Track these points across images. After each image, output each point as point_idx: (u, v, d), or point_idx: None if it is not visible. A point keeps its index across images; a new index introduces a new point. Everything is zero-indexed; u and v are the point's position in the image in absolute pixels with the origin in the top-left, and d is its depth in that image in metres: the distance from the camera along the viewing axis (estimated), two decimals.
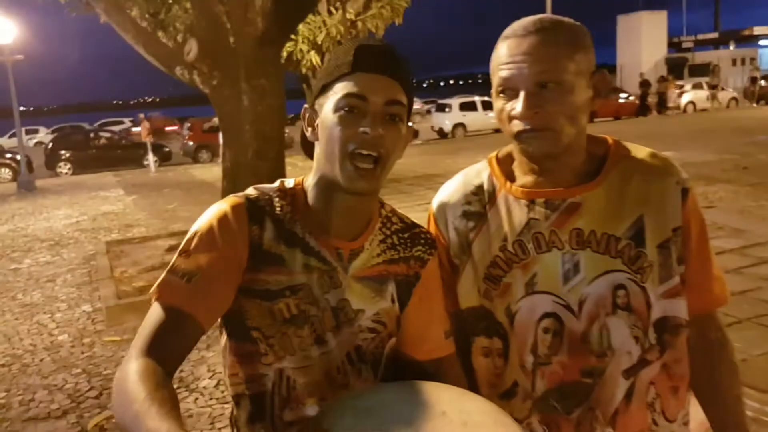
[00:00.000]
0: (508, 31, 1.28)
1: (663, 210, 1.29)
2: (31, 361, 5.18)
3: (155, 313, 1.16)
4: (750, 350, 4.33)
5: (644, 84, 28.77)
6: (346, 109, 1.19)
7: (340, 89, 1.20)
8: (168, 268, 1.20)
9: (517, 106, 1.22)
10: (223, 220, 1.22)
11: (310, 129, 1.29)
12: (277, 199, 1.28)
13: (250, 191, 1.29)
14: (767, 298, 5.34)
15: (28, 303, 6.89)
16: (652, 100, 28.75)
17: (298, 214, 1.27)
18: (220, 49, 6.56)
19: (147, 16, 8.11)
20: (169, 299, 1.16)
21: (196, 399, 4.27)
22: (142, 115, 25.71)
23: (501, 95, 1.27)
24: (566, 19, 1.29)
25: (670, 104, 28.16)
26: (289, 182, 1.32)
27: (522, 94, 1.22)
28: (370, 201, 1.30)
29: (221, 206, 1.24)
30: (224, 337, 1.30)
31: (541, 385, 1.32)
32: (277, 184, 1.32)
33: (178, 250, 1.21)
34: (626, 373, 1.29)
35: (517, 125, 1.24)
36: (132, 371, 1.05)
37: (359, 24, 13.33)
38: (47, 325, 6.07)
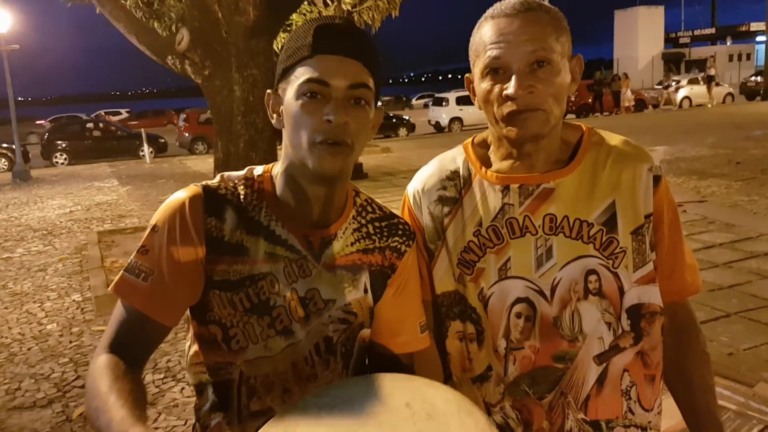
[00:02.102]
0: (492, 11, 1.26)
1: (634, 196, 1.29)
2: (19, 350, 5.16)
3: (118, 311, 1.18)
4: (737, 344, 4.34)
5: (599, 83, 28.20)
6: (308, 95, 1.14)
7: (300, 74, 1.15)
8: (127, 264, 1.19)
9: (510, 85, 1.20)
10: (179, 213, 1.19)
11: (275, 115, 1.25)
12: (241, 187, 1.24)
13: (214, 180, 1.26)
14: (756, 292, 5.34)
15: (18, 292, 6.86)
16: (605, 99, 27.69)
17: (265, 202, 1.24)
18: (212, 38, 6.54)
19: (141, 5, 8.08)
20: (129, 299, 1.17)
21: (183, 389, 4.25)
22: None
23: (488, 76, 1.24)
24: (544, 2, 1.28)
25: (625, 104, 27.04)
26: (258, 170, 1.28)
27: (517, 72, 1.20)
28: (340, 188, 1.25)
29: (178, 198, 1.21)
30: (191, 327, 1.26)
31: (513, 369, 1.31)
32: (244, 171, 1.28)
33: (141, 243, 1.20)
34: (598, 358, 1.29)
35: (509, 105, 1.22)
36: (95, 367, 1.11)
37: (355, 16, 13.28)
38: (36, 314, 6.05)
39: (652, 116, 25.82)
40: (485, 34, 1.24)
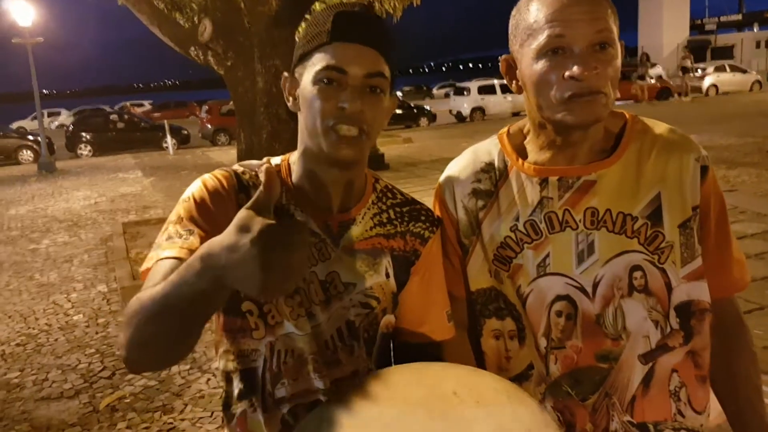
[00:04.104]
0: None
1: (681, 188, 1.22)
2: (46, 341, 5.20)
3: (159, 268, 1.06)
4: None
5: None
6: (324, 81, 1.15)
7: (318, 60, 1.16)
8: (162, 237, 1.13)
9: (575, 66, 1.12)
10: (212, 186, 1.20)
11: (290, 99, 1.25)
12: (261, 175, 1.24)
13: (236, 166, 1.27)
14: None
15: (45, 283, 6.93)
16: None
17: (284, 188, 1.24)
18: (234, 29, 6.51)
19: None
20: (172, 253, 1.08)
21: (209, 380, 4.26)
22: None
23: (545, 57, 1.16)
24: None
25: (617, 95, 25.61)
26: (275, 159, 1.30)
27: (580, 53, 1.13)
28: (357, 173, 1.26)
29: (208, 176, 1.23)
30: (218, 321, 1.25)
31: (554, 369, 1.26)
32: (262, 161, 1.30)
33: (169, 220, 1.16)
34: (643, 357, 1.23)
35: (572, 87, 1.14)
36: (130, 302, 1.00)
37: (376, 5, 13.18)
38: (63, 305, 6.10)
39: (677, 104, 25.38)
40: (543, 11, 1.15)
